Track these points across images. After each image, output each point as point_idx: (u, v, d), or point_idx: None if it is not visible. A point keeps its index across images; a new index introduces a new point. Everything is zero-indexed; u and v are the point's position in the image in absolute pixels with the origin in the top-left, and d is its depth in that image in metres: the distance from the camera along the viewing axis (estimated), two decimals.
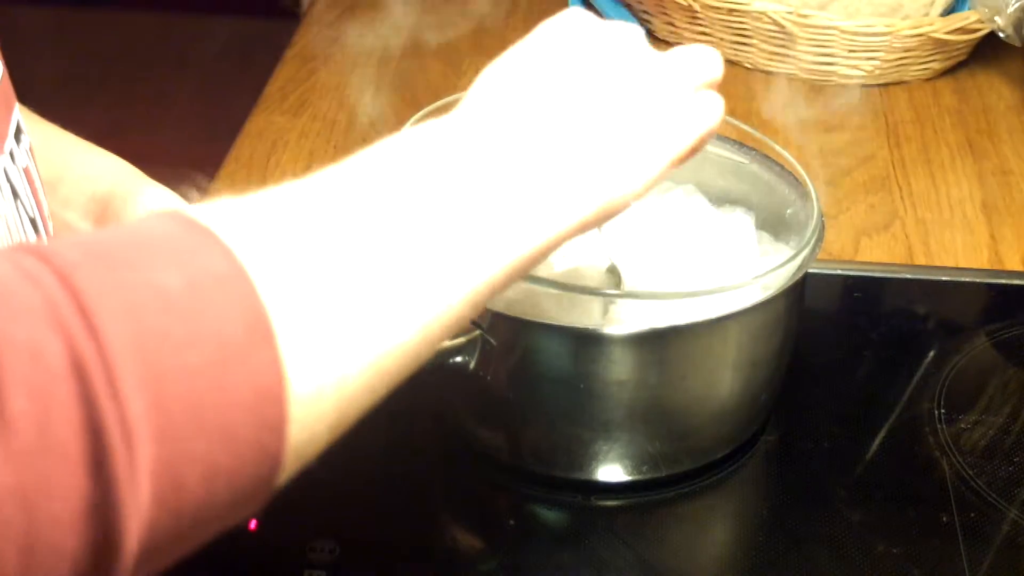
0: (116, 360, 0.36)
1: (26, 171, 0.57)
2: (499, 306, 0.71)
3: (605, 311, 0.73)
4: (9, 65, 0.57)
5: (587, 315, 0.72)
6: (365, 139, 1.13)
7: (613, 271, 0.76)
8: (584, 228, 0.52)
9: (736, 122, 0.85)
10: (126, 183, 0.67)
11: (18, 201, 0.55)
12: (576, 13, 0.57)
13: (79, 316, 0.36)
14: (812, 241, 0.74)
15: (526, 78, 0.53)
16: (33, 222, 0.57)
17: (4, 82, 0.56)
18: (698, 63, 0.57)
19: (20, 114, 0.58)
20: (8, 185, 0.54)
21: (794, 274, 0.73)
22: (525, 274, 0.51)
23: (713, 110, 0.56)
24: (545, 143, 0.51)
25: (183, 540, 0.39)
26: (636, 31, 0.57)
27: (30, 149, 0.58)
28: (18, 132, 0.56)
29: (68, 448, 0.35)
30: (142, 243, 0.40)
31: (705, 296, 0.70)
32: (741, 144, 0.84)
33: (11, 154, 0.55)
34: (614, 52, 0.55)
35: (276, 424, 0.40)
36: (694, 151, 0.56)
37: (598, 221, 0.53)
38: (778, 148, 0.82)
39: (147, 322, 0.37)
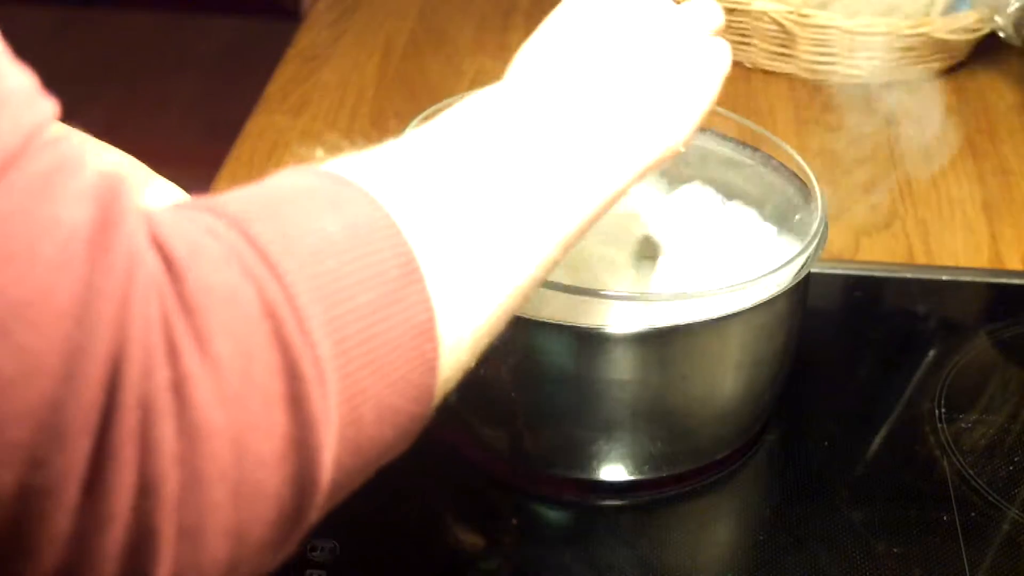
0: (302, 303, 0.38)
1: None
2: None
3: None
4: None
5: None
6: (366, 139, 1.14)
7: (648, 241, 0.76)
8: (645, 173, 0.57)
9: (743, 120, 0.85)
10: (132, 177, 0.67)
11: None
12: None
13: (263, 263, 0.38)
14: (815, 241, 0.74)
15: (570, 46, 0.57)
16: None
17: None
18: (706, 11, 0.63)
19: None
20: None
21: (797, 274, 0.73)
22: (599, 219, 0.54)
23: (725, 53, 0.62)
24: (603, 102, 0.55)
25: (354, 479, 0.42)
26: None
27: None
28: None
29: (270, 389, 0.37)
30: (299, 195, 0.42)
31: (707, 297, 0.70)
32: (744, 144, 0.84)
33: None
34: (641, 13, 0.60)
35: (431, 361, 0.43)
36: (716, 93, 0.61)
37: (657, 165, 0.58)
38: (786, 147, 0.82)
39: (322, 266, 0.39)
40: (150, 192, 0.66)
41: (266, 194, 0.42)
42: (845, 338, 0.92)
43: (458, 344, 0.44)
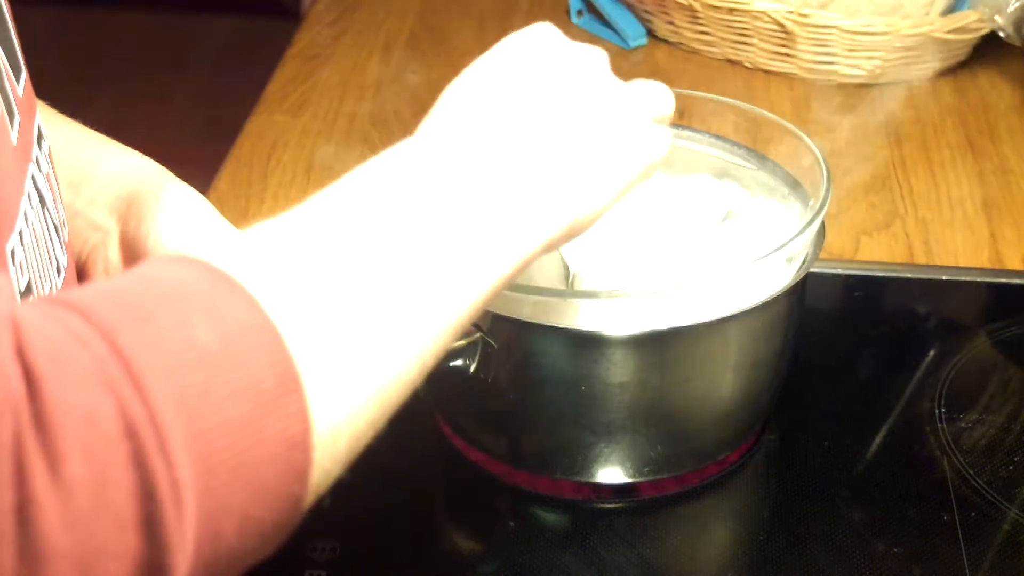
0: (164, 420, 0.37)
1: (48, 177, 0.56)
2: (499, 308, 0.71)
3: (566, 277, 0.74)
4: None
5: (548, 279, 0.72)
6: (366, 139, 1.14)
7: (565, 268, 0.76)
8: (550, 248, 0.53)
9: (753, 108, 0.84)
10: (151, 181, 0.67)
11: (45, 208, 0.55)
12: (542, 29, 0.58)
13: (127, 378, 0.37)
14: (814, 243, 0.74)
15: (490, 97, 0.54)
16: (56, 229, 0.56)
17: (28, 87, 0.56)
18: (653, 97, 0.59)
19: (41, 112, 0.58)
20: (36, 192, 0.54)
21: (795, 275, 0.73)
22: (498, 294, 0.51)
23: (663, 142, 0.58)
24: (512, 165, 0.52)
25: None
26: (600, 54, 0.59)
27: (49, 153, 0.58)
28: (39, 137, 0.56)
29: (123, 511, 0.36)
30: (173, 297, 0.40)
31: (701, 291, 0.69)
32: (740, 145, 0.84)
33: (36, 160, 0.55)
34: (578, 73, 0.56)
35: (302, 471, 0.41)
36: (645, 177, 0.57)
37: (563, 240, 0.54)
38: (796, 131, 0.81)
39: (189, 379, 0.38)
40: (167, 198, 0.66)
41: (140, 293, 0.40)
42: (845, 338, 0.92)
43: (334, 445, 0.43)
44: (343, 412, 0.43)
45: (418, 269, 0.47)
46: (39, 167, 0.55)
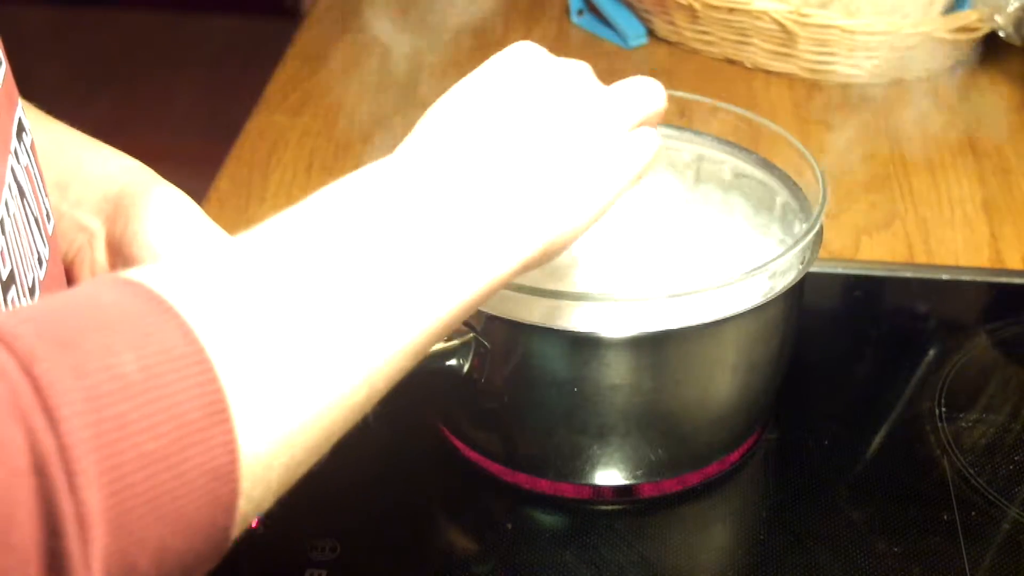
0: (75, 454, 0.36)
1: (27, 170, 0.57)
2: (492, 309, 0.70)
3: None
4: (10, 65, 0.56)
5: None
6: (366, 138, 1.14)
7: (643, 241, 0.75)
8: (527, 268, 0.53)
9: (745, 112, 0.84)
10: (137, 182, 0.67)
11: (24, 200, 0.55)
12: (526, 48, 0.58)
13: (41, 410, 0.36)
14: (811, 244, 0.74)
15: (471, 117, 0.54)
16: (37, 221, 0.57)
17: (7, 80, 0.56)
18: (641, 97, 0.58)
19: (28, 113, 0.58)
20: (16, 184, 0.54)
21: (793, 277, 0.73)
22: (468, 316, 0.51)
23: (648, 146, 0.57)
24: (486, 185, 0.51)
25: None
26: (584, 68, 0.58)
27: (31, 147, 0.58)
28: (20, 130, 0.56)
29: (26, 546, 0.35)
30: (101, 323, 0.39)
31: (695, 296, 0.69)
32: (739, 146, 0.84)
33: (15, 152, 0.55)
34: (559, 90, 0.56)
35: (228, 502, 0.40)
36: (630, 187, 0.57)
37: (540, 261, 0.53)
38: (790, 138, 0.81)
39: (106, 411, 0.37)
40: (153, 199, 0.66)
41: (67, 319, 0.39)
42: (845, 337, 0.92)
43: (267, 474, 0.42)
44: (277, 440, 0.42)
45: (372, 292, 0.46)
46: (18, 159, 0.55)
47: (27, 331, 0.38)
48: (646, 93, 0.59)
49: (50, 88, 0.69)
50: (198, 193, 0.69)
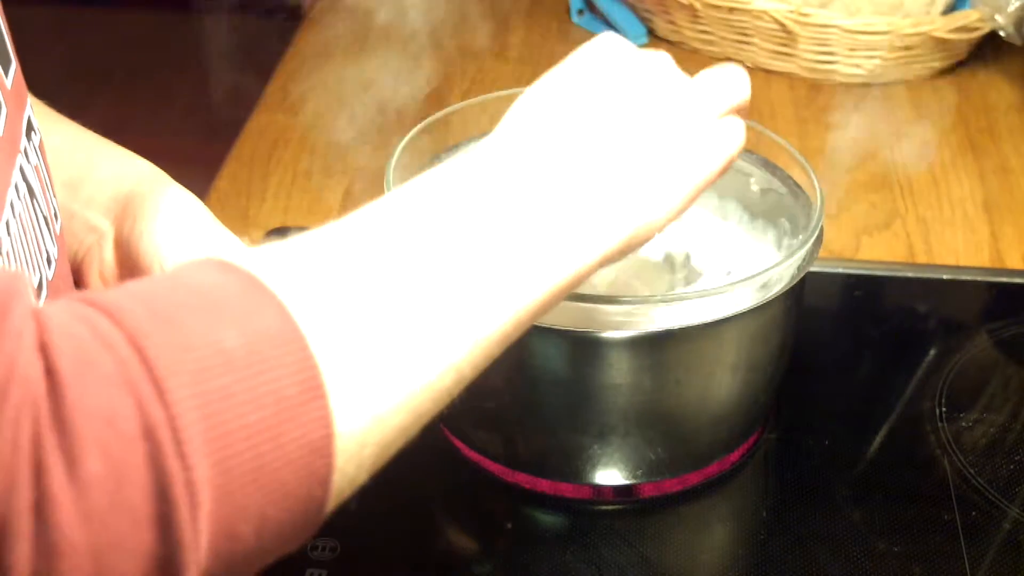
0: (183, 423, 0.38)
1: (36, 169, 0.57)
2: None
3: None
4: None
5: None
6: (366, 139, 1.14)
7: (669, 260, 0.75)
8: (609, 260, 0.53)
9: (748, 122, 0.84)
10: (147, 183, 0.67)
11: (34, 200, 0.55)
12: (610, 39, 0.58)
13: (149, 381, 0.38)
14: (811, 245, 0.74)
15: (561, 108, 0.54)
16: (46, 220, 0.57)
17: (17, 78, 0.56)
18: (726, 87, 0.58)
19: (39, 112, 0.58)
20: (24, 184, 0.54)
21: (792, 276, 0.73)
22: (549, 310, 0.52)
23: (735, 137, 0.58)
24: (575, 174, 0.52)
25: None
26: (667, 58, 0.58)
27: (40, 146, 0.58)
28: (29, 129, 0.56)
29: (138, 509, 0.37)
30: (203, 302, 0.41)
31: (694, 300, 0.69)
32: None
33: (25, 151, 0.55)
34: (645, 81, 0.56)
35: (324, 476, 0.42)
36: (717, 176, 0.57)
37: (623, 252, 0.54)
38: (786, 144, 0.82)
39: (211, 384, 0.39)
40: (163, 201, 0.66)
41: (170, 297, 0.41)
42: (845, 337, 0.92)
43: (360, 451, 0.43)
44: (369, 419, 0.43)
45: (461, 278, 0.47)
46: (27, 159, 0.55)
47: (134, 307, 0.39)
48: (732, 82, 0.59)
49: (51, 87, 0.69)
50: (198, 193, 0.68)
